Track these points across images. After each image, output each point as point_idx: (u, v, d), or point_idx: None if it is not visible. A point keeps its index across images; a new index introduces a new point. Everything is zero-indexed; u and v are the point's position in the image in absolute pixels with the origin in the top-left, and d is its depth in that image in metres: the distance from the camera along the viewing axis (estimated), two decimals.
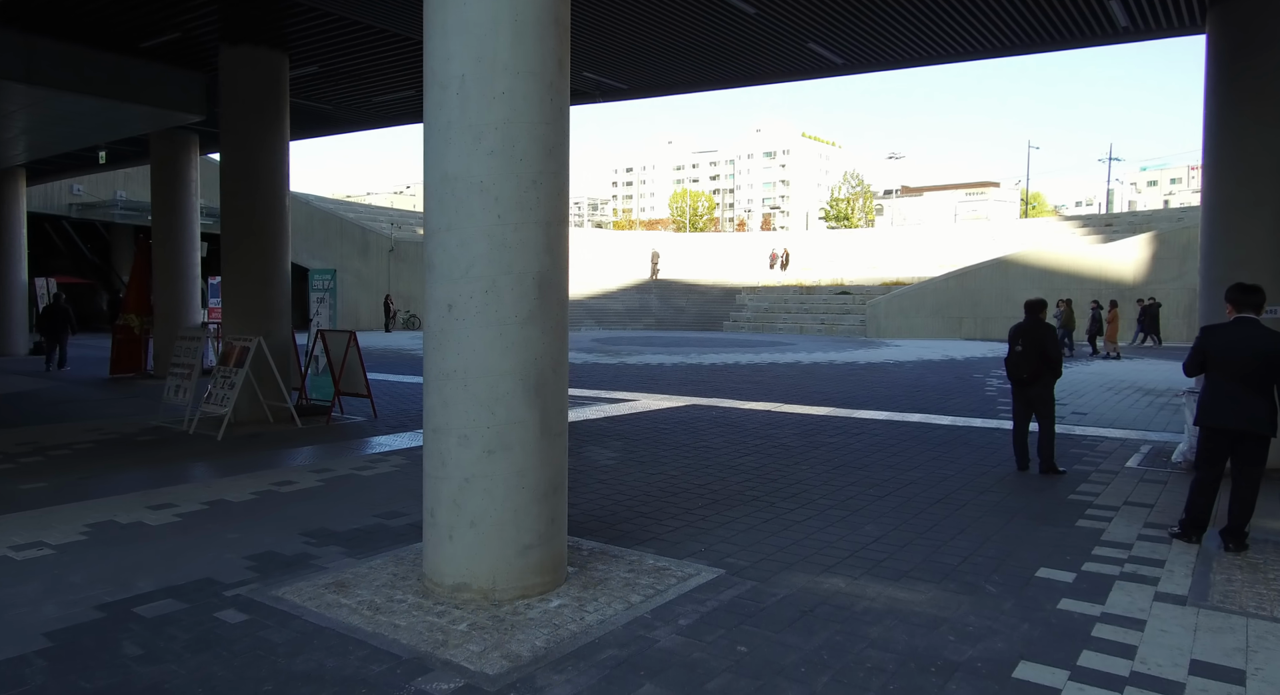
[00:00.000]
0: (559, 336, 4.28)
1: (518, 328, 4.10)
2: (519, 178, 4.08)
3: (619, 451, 8.26)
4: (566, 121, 4.31)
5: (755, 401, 12.18)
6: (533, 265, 4.13)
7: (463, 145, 4.07)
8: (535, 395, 4.15)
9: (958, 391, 13.71)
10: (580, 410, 11.12)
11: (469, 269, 4.07)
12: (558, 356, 4.27)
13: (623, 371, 17.02)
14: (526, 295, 4.12)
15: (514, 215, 4.08)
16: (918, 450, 8.41)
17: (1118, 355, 22.35)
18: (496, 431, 4.08)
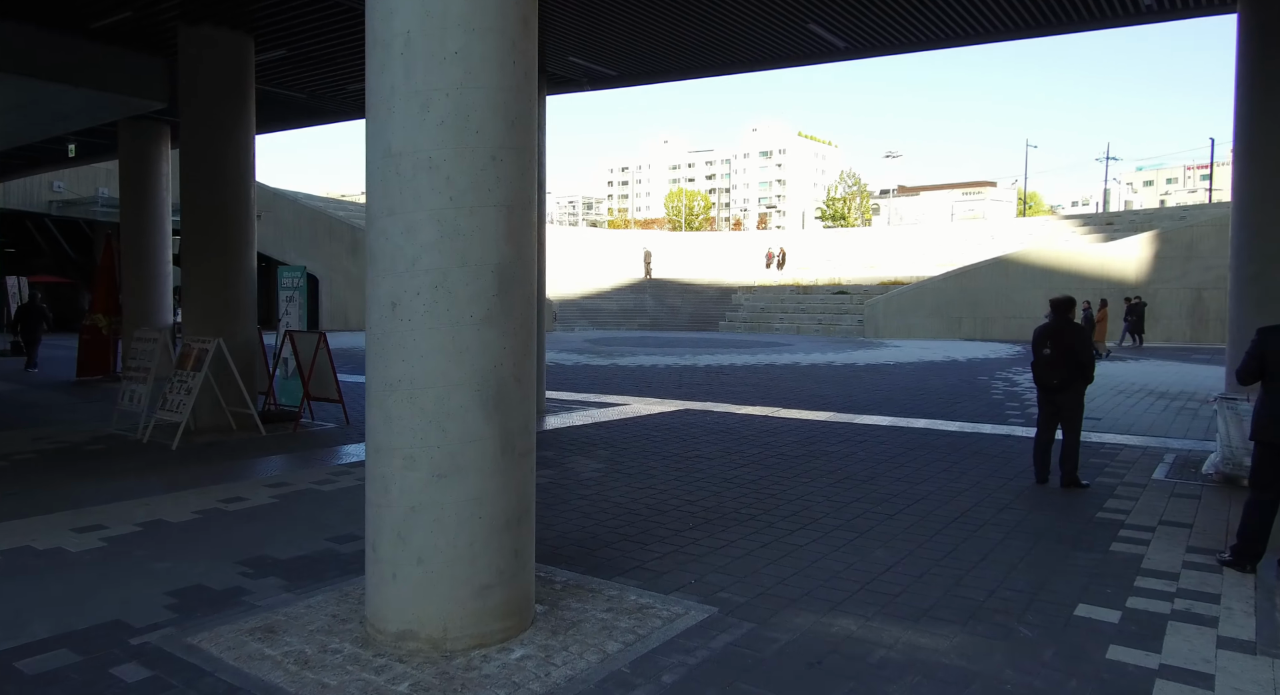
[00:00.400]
0: (524, 339, 3.67)
1: (473, 330, 3.49)
2: (475, 153, 3.47)
3: (605, 462, 7.65)
4: (533, 89, 3.70)
5: (752, 406, 11.57)
6: (491, 256, 3.51)
7: (408, 115, 3.45)
8: (494, 409, 3.54)
9: (963, 395, 13.12)
10: (566, 415, 10.50)
11: (415, 261, 3.46)
12: (522, 363, 3.65)
13: (614, 373, 16.40)
14: (484, 291, 3.50)
15: (469, 197, 3.47)
16: (927, 460, 7.81)
17: (1106, 354, 21.84)
18: (448, 452, 3.46)
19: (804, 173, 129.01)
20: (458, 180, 3.45)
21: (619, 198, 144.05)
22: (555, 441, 8.74)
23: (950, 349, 24.09)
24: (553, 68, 10.54)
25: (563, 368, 17.59)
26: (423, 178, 3.44)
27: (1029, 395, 13.02)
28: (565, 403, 11.78)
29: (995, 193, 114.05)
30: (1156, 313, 29.71)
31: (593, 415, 10.56)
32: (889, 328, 32.44)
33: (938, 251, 41.32)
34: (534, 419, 3.80)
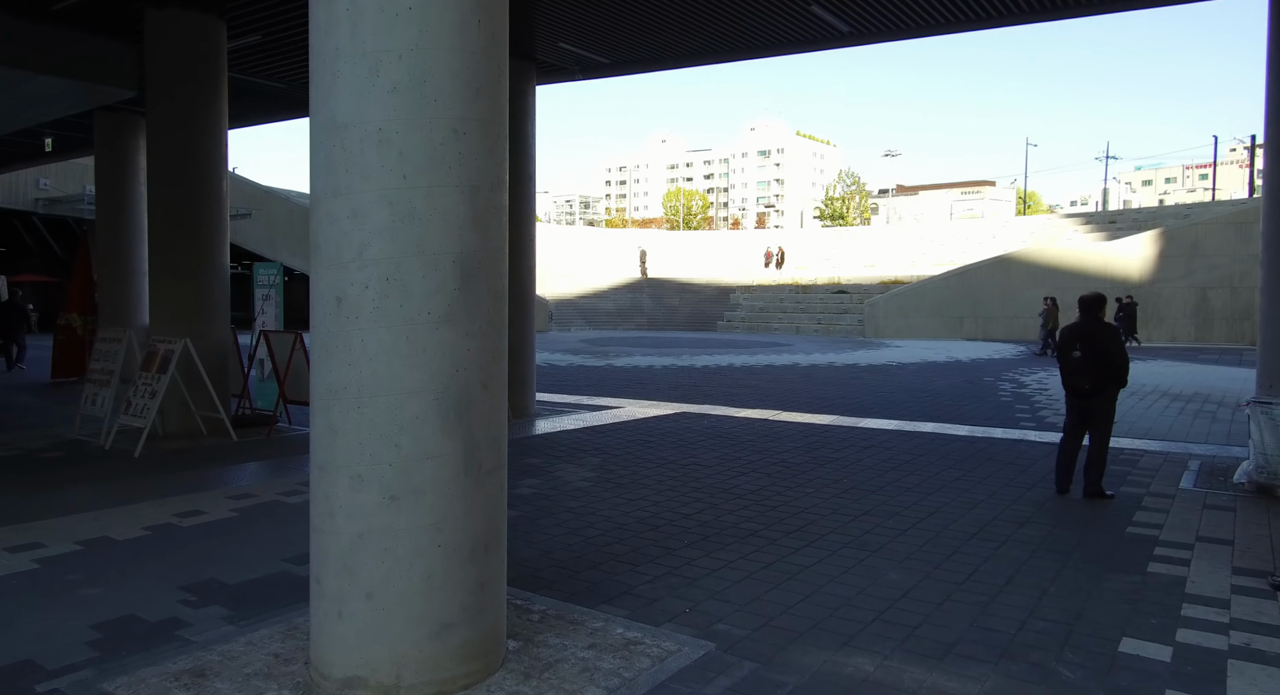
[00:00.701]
0: (492, 340, 3.19)
1: (430, 329, 3.01)
2: (432, 125, 2.99)
3: (595, 470, 7.17)
4: (503, 55, 3.22)
5: (751, 409, 11.10)
6: (451, 244, 3.04)
7: (355, 81, 2.98)
8: (456, 420, 3.06)
9: (970, 397, 12.65)
10: (557, 419, 10.02)
11: (363, 249, 2.98)
12: (489, 367, 3.18)
13: (609, 375, 15.93)
14: (443, 285, 3.02)
15: (425, 176, 2.99)
16: (937, 468, 7.34)
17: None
18: (402, 470, 2.99)
19: (802, 172, 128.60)
20: (412, 156, 2.97)
21: (617, 198, 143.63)
22: (543, 447, 8.27)
23: (952, 349, 23.64)
24: (542, 55, 10.07)
25: (556, 369, 17.12)
26: (371, 153, 2.97)
27: (1038, 397, 12.56)
28: (557, 405, 11.31)
29: (994, 192, 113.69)
30: (1160, 312, 29.29)
31: (585, 419, 10.09)
32: (889, 327, 32.00)
33: (938, 250, 40.89)
34: (504, 431, 3.32)
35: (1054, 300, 23.12)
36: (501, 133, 3.24)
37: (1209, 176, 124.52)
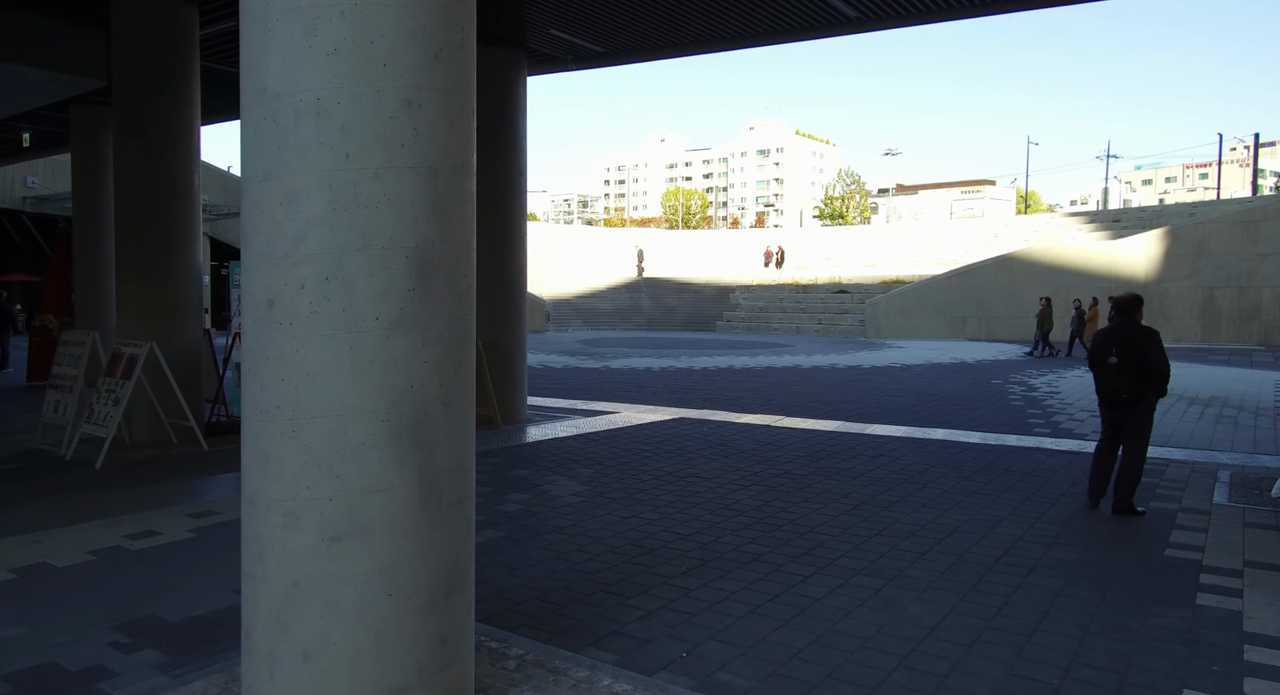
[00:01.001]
0: (456, 349, 2.72)
1: (378, 337, 2.54)
2: (381, 94, 2.52)
3: (587, 483, 6.70)
4: (470, 14, 2.75)
5: (752, 414, 10.63)
6: (405, 236, 2.57)
7: (288, 42, 2.51)
8: (410, 445, 2.59)
9: (979, 401, 12.18)
10: (549, 426, 9.54)
11: (299, 242, 2.51)
12: (452, 381, 2.70)
13: (605, 377, 15.45)
14: (394, 284, 2.55)
15: (372, 155, 2.52)
16: (951, 480, 6.87)
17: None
18: (345, 505, 2.51)
19: (802, 171, 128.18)
20: (357, 131, 2.50)
21: (616, 197, 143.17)
22: (533, 457, 7.79)
23: (956, 350, 23.17)
24: (534, 43, 9.60)
25: (551, 371, 16.64)
26: (308, 127, 2.49)
27: (1050, 401, 12.10)
28: (550, 411, 10.83)
29: (994, 191, 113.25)
30: (1166, 312, 28.84)
31: (578, 425, 9.61)
32: (891, 328, 31.55)
33: (940, 250, 40.44)
34: (470, 456, 2.85)
35: (1049, 300, 22.66)
36: (467, 106, 2.77)
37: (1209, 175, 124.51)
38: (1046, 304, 22.28)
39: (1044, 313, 21.99)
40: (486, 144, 9.52)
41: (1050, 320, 21.97)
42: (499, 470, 7.18)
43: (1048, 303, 22.41)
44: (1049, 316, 21.94)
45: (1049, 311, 22.06)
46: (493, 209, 9.57)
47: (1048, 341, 21.86)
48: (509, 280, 9.62)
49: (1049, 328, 21.96)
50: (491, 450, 8.08)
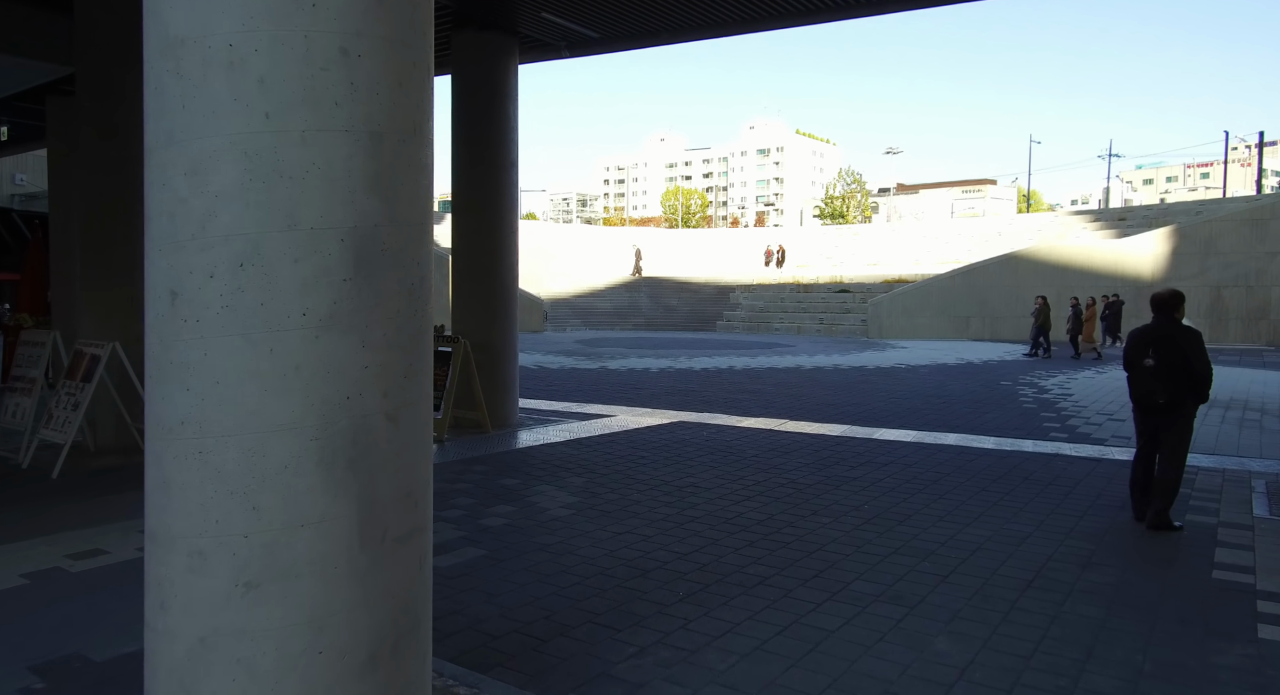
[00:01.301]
0: (403, 353, 2.26)
1: (307, 338, 2.08)
2: (310, 41, 2.06)
3: (579, 494, 6.24)
4: None
5: (754, 417, 10.17)
6: (339, 215, 2.11)
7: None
8: (347, 469, 2.13)
9: (989, 403, 11.72)
10: (542, 430, 9.08)
11: (207, 222, 2.05)
12: (400, 391, 2.24)
13: (602, 379, 14.98)
14: (325, 274, 2.09)
15: (299, 114, 2.06)
16: (969, 490, 6.41)
17: (1098, 355, 20.45)
18: (264, 544, 2.05)
19: (802, 171, 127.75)
20: (279, 85, 2.04)
21: (615, 197, 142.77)
22: (522, 465, 7.33)
23: (961, 350, 22.72)
24: (525, 28, 9.14)
25: (547, 372, 16.17)
26: (218, 80, 2.03)
27: (1064, 404, 11.64)
28: (543, 414, 10.36)
29: (995, 191, 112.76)
30: None
31: (572, 430, 9.14)
32: (893, 327, 31.10)
33: (942, 248, 40.00)
34: (424, 479, 2.38)
35: (1045, 299, 22.14)
36: (422, 63, 2.31)
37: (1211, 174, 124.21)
38: (1043, 303, 21.78)
39: (1041, 311, 21.49)
40: (475, 134, 9.06)
41: (1047, 319, 21.49)
42: (485, 479, 6.72)
43: (1044, 301, 21.91)
44: (1046, 315, 21.46)
45: (1046, 310, 21.58)
46: (481, 203, 9.12)
47: (1046, 340, 21.37)
48: (499, 278, 9.16)
49: (1047, 326, 21.48)
50: (479, 457, 7.62)
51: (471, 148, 9.09)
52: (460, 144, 9.13)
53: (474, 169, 9.07)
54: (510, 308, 9.31)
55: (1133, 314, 28.98)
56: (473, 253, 9.14)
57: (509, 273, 9.28)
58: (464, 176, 9.15)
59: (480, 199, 9.10)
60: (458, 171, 9.18)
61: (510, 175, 9.20)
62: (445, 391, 8.51)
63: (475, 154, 9.06)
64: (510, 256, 9.29)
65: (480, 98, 9.03)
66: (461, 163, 9.14)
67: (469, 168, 9.10)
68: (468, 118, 9.09)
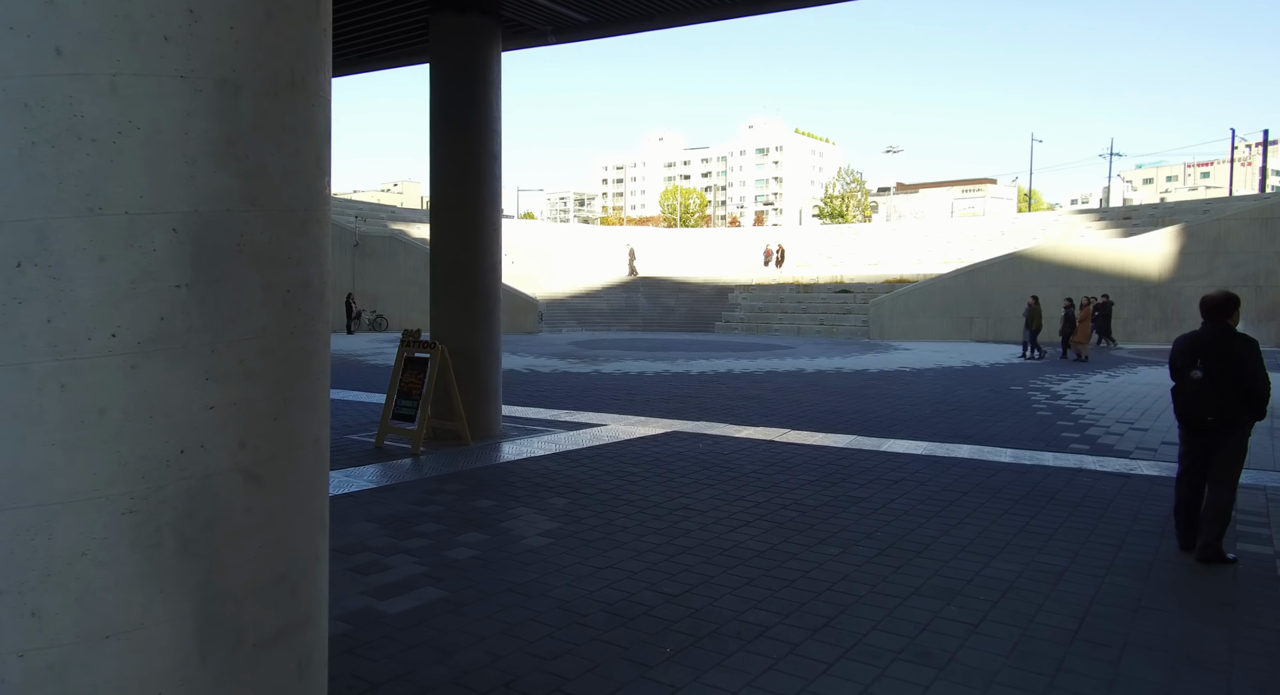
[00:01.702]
0: (276, 386, 1.65)
1: (119, 368, 1.47)
2: None
3: (559, 518, 5.63)
4: None
5: (753, 426, 9.56)
6: (170, 194, 1.50)
7: None
8: (182, 553, 1.52)
9: (1002, 410, 11.11)
10: (526, 442, 8.47)
11: None
12: (269, 439, 1.64)
13: (595, 383, 14.37)
14: (149, 278, 1.49)
15: (107, 52, 1.45)
16: (991, 513, 5.81)
17: (1079, 356, 19.81)
18: (48, 666, 1.44)
19: (801, 170, 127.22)
20: (77, 9, 1.43)
21: (614, 196, 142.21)
22: (500, 483, 6.72)
23: (966, 352, 22.11)
24: (509, 12, 8.53)
25: (538, 376, 15.56)
26: None
27: (1080, 411, 11.03)
28: (529, 423, 9.75)
29: (995, 190, 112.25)
30: (1181, 313, 27.82)
31: (558, 441, 8.53)
32: (895, 328, 30.51)
33: (944, 248, 39.42)
34: (311, 552, 1.77)
35: (1037, 299, 21.47)
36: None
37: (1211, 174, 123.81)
38: (1034, 303, 21.11)
39: (1032, 312, 20.81)
40: (454, 124, 8.46)
41: (1039, 320, 20.83)
42: (458, 501, 6.10)
43: (1035, 302, 21.23)
44: (1038, 316, 20.80)
45: (1038, 310, 20.91)
46: (461, 198, 8.51)
47: (1036, 342, 20.71)
48: (480, 278, 8.55)
49: (1038, 327, 20.82)
50: (454, 474, 7.01)
51: (450, 139, 8.48)
52: (438, 135, 8.53)
53: (453, 162, 8.47)
54: (492, 310, 8.70)
55: (1138, 315, 28.48)
56: (452, 251, 8.54)
57: (491, 273, 8.67)
58: (442, 170, 8.54)
59: (460, 194, 8.49)
60: (436, 165, 8.58)
61: (492, 168, 8.59)
62: (421, 401, 7.91)
63: (454, 146, 8.46)
64: (492, 255, 8.68)
65: (459, 85, 8.42)
66: (440, 156, 8.53)
67: (447, 161, 8.50)
68: (446, 107, 8.48)
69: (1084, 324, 20.19)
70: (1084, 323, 20.21)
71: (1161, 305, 28.25)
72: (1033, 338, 20.69)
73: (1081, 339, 20.13)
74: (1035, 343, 20.70)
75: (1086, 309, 20.47)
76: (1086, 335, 20.27)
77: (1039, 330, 20.79)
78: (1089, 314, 20.30)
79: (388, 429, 8.09)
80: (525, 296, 33.24)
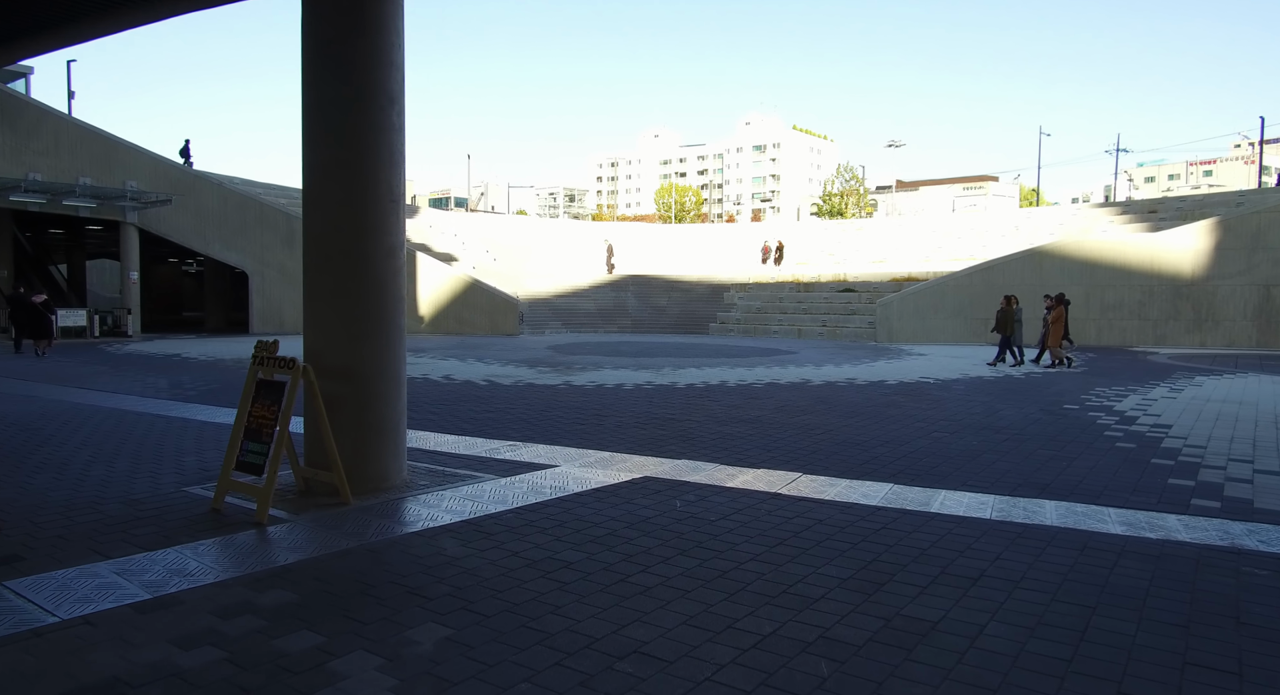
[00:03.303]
0: None
1: None
2: None
3: (420, 672, 3.20)
4: None
5: (751, 468, 7.15)
6: None
7: None
8: None
9: (1069, 440, 8.71)
10: (432, 500, 6.02)
11: None
12: None
13: (559, 401, 11.92)
14: None
15: None
16: (1153, 656, 3.39)
17: (1056, 362, 17.39)
18: None
19: (799, 167, 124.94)
20: None
21: (609, 194, 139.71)
22: (357, 585, 4.27)
23: (989, 358, 19.70)
24: None
25: (495, 390, 13.09)
26: None
27: (1170, 441, 8.62)
28: (452, 464, 7.32)
29: (997, 188, 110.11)
30: (1216, 313, 25.52)
31: (480, 497, 6.11)
32: (904, 331, 28.12)
33: (953, 244, 37.06)
34: None
35: (1011, 299, 18.77)
36: None
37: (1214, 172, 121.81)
38: (1007, 304, 18.44)
39: (1003, 314, 18.22)
40: (330, 51, 6.03)
41: (1011, 324, 18.23)
42: (261, 636, 3.65)
43: (1008, 303, 18.55)
44: (1010, 319, 18.20)
45: (1010, 312, 18.27)
46: (343, 157, 6.08)
47: (1009, 348, 18.15)
48: (370, 268, 6.12)
49: (1010, 332, 18.25)
50: (292, 566, 4.55)
51: (328, 75, 6.05)
52: (312, 70, 6.10)
53: (333, 109, 6.04)
54: (389, 314, 6.25)
55: (1169, 316, 26.11)
56: (328, 236, 6.11)
57: (387, 260, 6.22)
58: (317, 121, 6.11)
59: (343, 154, 6.06)
60: (309, 115, 6.15)
61: (389, 115, 6.15)
62: (274, 444, 5.47)
63: (333, 86, 6.03)
64: (390, 237, 6.24)
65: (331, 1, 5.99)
66: (314, 101, 6.10)
67: (326, 108, 6.07)
68: (319, 26, 6.05)
69: (1056, 325, 17.70)
70: (1057, 324, 17.70)
71: (1195, 305, 25.90)
72: (1006, 342, 18.15)
73: (1054, 342, 17.66)
74: (1012, 347, 18.13)
75: (1060, 309, 17.81)
76: (1059, 338, 17.76)
77: (1011, 333, 18.24)
78: (1062, 315, 17.72)
79: (229, 484, 5.65)
80: (504, 296, 30.81)
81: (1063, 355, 17.56)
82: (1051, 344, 17.68)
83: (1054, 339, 17.63)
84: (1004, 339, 18.16)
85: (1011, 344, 18.15)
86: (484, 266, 36.28)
